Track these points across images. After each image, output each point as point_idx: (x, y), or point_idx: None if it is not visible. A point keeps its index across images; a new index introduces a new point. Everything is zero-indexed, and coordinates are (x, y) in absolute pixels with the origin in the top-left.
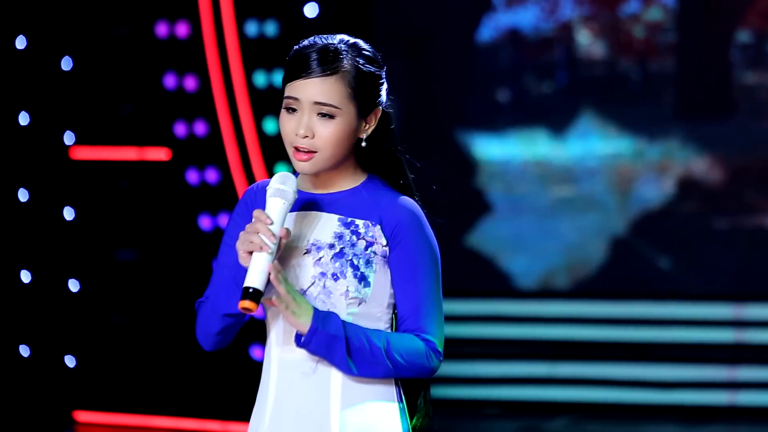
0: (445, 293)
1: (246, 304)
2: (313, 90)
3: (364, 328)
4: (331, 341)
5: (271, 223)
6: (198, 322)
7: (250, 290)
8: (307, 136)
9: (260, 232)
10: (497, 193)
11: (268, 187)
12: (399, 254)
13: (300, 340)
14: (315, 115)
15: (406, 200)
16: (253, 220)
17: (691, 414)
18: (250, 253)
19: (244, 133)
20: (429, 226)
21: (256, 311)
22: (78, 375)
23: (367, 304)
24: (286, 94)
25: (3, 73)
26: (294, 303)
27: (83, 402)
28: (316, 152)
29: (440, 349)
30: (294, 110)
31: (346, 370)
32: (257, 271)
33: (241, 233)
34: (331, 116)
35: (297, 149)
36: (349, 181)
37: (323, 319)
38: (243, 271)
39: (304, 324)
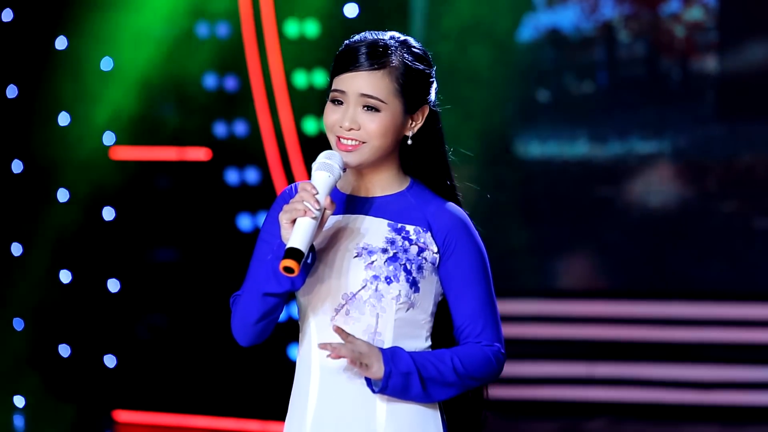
0: None
1: (287, 263)
2: (360, 82)
3: (429, 354)
4: (406, 379)
5: (317, 193)
6: (234, 314)
7: (292, 250)
8: (352, 128)
9: (305, 199)
10: (537, 192)
11: (314, 163)
12: (453, 263)
13: (371, 384)
14: (360, 108)
15: (453, 206)
16: (298, 190)
17: (732, 415)
18: (293, 223)
19: (283, 133)
20: (476, 230)
21: (292, 285)
22: (118, 375)
23: (414, 310)
24: (333, 87)
25: (43, 73)
26: (364, 354)
27: (123, 402)
28: (363, 143)
29: (504, 351)
30: (340, 102)
31: (422, 399)
32: (300, 234)
33: (285, 206)
34: (377, 110)
35: (340, 140)
36: (393, 185)
37: (392, 358)
38: (275, 252)
39: (377, 371)
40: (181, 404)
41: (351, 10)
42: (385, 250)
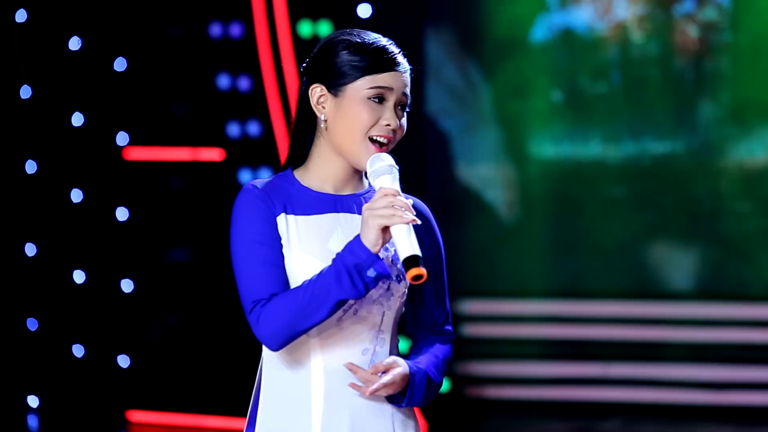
0: (497, 293)
1: (419, 271)
2: (403, 81)
3: (435, 369)
4: (414, 402)
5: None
6: (278, 319)
7: (415, 257)
8: (395, 128)
9: (400, 205)
10: (551, 193)
11: (371, 168)
12: (427, 256)
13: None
14: (398, 107)
15: (418, 200)
16: (381, 196)
17: (746, 415)
18: (383, 230)
19: None
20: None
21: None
22: (131, 375)
23: (402, 306)
24: (377, 84)
25: (57, 74)
26: (396, 385)
27: (137, 402)
28: (387, 144)
29: (454, 334)
30: (382, 101)
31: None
32: (410, 241)
33: (377, 212)
34: (405, 110)
35: (376, 140)
36: (360, 182)
37: (411, 397)
38: (350, 257)
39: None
40: (195, 404)
41: (364, 11)
42: (386, 248)
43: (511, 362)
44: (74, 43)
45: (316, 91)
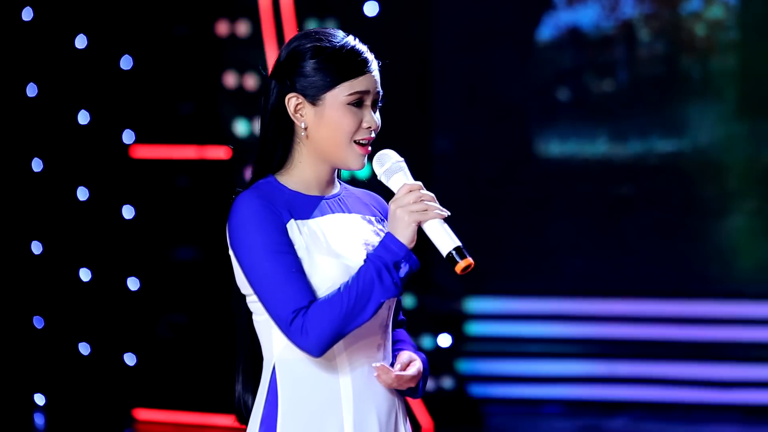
0: (504, 291)
1: (469, 261)
2: (375, 81)
3: (416, 353)
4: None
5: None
6: (327, 327)
7: (460, 248)
8: (375, 129)
9: (429, 200)
10: (557, 191)
11: (382, 168)
12: None
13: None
14: (373, 107)
15: (375, 195)
16: (407, 192)
17: (752, 413)
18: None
19: None
20: None
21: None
22: (138, 373)
23: None
24: (355, 90)
25: (63, 72)
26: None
27: (143, 400)
28: (369, 143)
29: None
30: (360, 104)
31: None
32: (447, 233)
33: (408, 208)
34: (378, 104)
35: (360, 142)
36: (335, 182)
37: (423, 386)
38: (388, 255)
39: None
40: (202, 403)
41: (371, 9)
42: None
43: (517, 360)
44: (80, 41)
45: (293, 101)
